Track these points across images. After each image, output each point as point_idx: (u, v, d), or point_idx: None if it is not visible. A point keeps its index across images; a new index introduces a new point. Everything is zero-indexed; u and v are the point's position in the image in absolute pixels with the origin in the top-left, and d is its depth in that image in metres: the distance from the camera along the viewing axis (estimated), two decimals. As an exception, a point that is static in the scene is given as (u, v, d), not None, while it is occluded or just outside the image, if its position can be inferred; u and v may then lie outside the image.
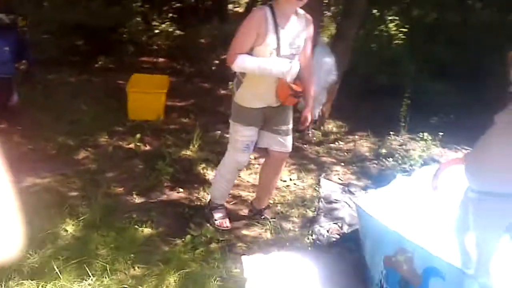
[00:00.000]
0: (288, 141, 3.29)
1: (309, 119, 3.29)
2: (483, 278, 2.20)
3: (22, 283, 2.50)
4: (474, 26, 7.77)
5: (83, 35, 6.87)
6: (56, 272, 2.56)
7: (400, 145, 5.13)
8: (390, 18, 8.39)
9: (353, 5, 5.32)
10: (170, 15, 8.82)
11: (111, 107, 5.52)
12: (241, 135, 3.17)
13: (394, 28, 8.21)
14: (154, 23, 8.55)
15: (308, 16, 3.07)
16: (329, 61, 5.02)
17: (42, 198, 3.43)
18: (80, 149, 4.44)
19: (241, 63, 2.88)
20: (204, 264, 2.88)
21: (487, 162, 2.33)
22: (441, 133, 5.01)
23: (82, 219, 3.20)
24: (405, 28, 7.90)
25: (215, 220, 3.37)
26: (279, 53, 2.89)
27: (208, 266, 2.86)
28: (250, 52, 2.89)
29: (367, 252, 2.77)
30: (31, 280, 2.51)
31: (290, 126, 3.28)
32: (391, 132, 5.18)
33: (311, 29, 3.09)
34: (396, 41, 8.01)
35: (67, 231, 3.07)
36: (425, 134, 5.03)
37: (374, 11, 8.10)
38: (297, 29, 2.98)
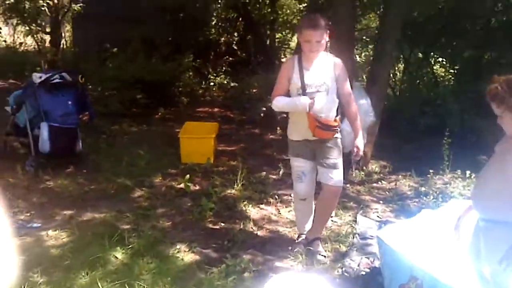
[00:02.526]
0: (335, 175, 3.51)
1: (361, 148, 3.53)
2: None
3: (73, 299, 2.85)
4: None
5: (143, 89, 7.52)
6: (103, 291, 2.89)
7: (443, 184, 5.19)
8: (435, 58, 8.52)
9: (383, 48, 5.56)
10: (224, 68, 9.42)
11: (166, 152, 6.01)
12: (293, 166, 3.65)
13: (439, 69, 8.32)
14: (209, 76, 9.17)
15: (336, 59, 3.47)
16: (365, 103, 5.26)
17: (97, 229, 3.86)
18: (136, 189, 4.87)
19: (276, 103, 3.47)
20: (234, 290, 3.10)
21: (487, 190, 2.46)
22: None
23: (130, 247, 3.57)
24: (450, 68, 7.99)
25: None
26: (305, 90, 3.34)
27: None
28: (287, 93, 3.45)
29: (385, 281, 2.89)
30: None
31: (336, 160, 3.50)
32: (434, 171, 5.24)
33: (340, 69, 3.44)
34: (441, 81, 8.09)
35: (116, 257, 3.43)
36: (468, 172, 5.06)
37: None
38: (321, 70, 3.38)
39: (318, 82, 3.35)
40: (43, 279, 3.12)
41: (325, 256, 3.65)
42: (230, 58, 9.71)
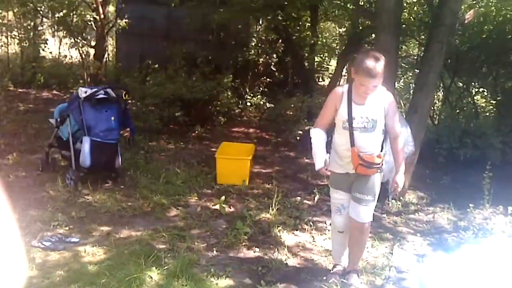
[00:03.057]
0: (363, 211, 3.45)
1: (400, 185, 3.46)
2: None
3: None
4: None
5: (181, 107, 7.64)
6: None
7: (483, 219, 5.06)
8: (478, 89, 8.37)
9: (426, 78, 5.49)
10: (261, 89, 9.48)
11: (202, 172, 6.04)
12: (332, 197, 3.62)
13: (481, 100, 8.16)
14: (246, 96, 9.24)
15: (388, 93, 3.36)
16: (405, 132, 5.18)
17: (134, 247, 3.90)
18: (171, 207, 4.92)
19: (312, 134, 3.45)
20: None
21: None
22: (528, 208, 4.87)
23: (166, 268, 3.59)
24: (491, 99, 7.83)
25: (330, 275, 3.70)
26: (351, 125, 3.27)
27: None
28: (331, 124, 3.43)
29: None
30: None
31: (370, 197, 3.42)
32: (473, 205, 5.12)
33: (390, 104, 3.34)
34: (482, 112, 7.93)
35: (151, 277, 3.46)
36: (510, 208, 4.92)
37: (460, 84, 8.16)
38: (371, 106, 3.28)
39: (366, 118, 3.26)
40: (81, 295, 3.17)
41: None
42: (268, 79, 9.76)
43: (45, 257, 3.71)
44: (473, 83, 8.65)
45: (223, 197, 5.00)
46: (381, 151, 3.37)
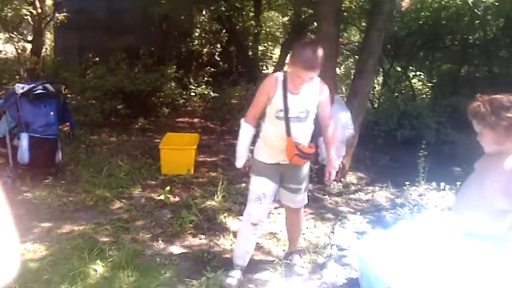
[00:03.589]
0: (299, 198, 3.50)
1: (333, 174, 3.44)
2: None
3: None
4: (500, 77, 7.95)
5: (123, 99, 7.54)
6: (82, 305, 2.90)
7: (419, 195, 5.31)
8: (415, 73, 8.72)
9: (365, 63, 5.68)
10: (206, 79, 9.49)
11: (146, 163, 6.01)
12: (254, 186, 3.41)
13: (418, 83, 8.51)
14: (191, 86, 9.22)
15: (323, 84, 3.31)
16: (345, 116, 5.37)
17: (77, 242, 3.85)
18: (115, 200, 4.87)
19: (242, 128, 3.35)
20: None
21: (468, 205, 2.58)
22: (459, 183, 5.15)
23: (110, 260, 3.57)
24: (428, 82, 8.19)
25: (225, 279, 3.41)
26: (287, 115, 3.17)
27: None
28: (263, 113, 3.29)
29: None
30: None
31: (302, 186, 3.47)
32: (409, 183, 5.37)
33: (326, 94, 3.30)
34: (419, 95, 8.28)
35: (96, 270, 3.44)
36: (443, 184, 5.19)
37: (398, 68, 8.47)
38: (307, 96, 3.21)
39: (301, 109, 3.19)
40: (21, 293, 3.11)
41: (303, 267, 3.71)
42: (212, 69, 9.78)
43: (-17, 257, 3.60)
44: (410, 67, 9.01)
45: (167, 187, 5.00)
46: (311, 141, 3.35)
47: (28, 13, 9.59)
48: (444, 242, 2.87)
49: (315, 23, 8.32)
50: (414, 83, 9.02)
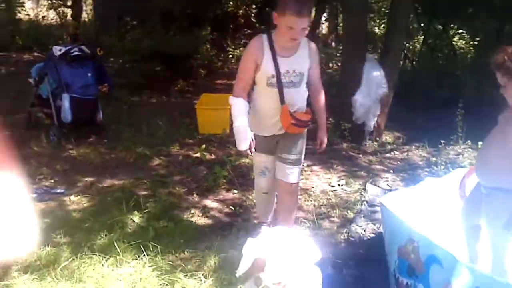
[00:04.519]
0: (295, 171, 3.21)
1: (325, 141, 3.27)
2: (500, 274, 2.37)
3: (91, 257, 3.07)
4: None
5: (162, 62, 7.68)
6: (118, 250, 3.10)
7: (455, 155, 5.25)
8: (455, 30, 8.43)
9: (395, 21, 5.57)
10: (243, 41, 9.50)
11: (184, 123, 6.19)
12: (256, 161, 3.29)
13: (459, 41, 8.24)
14: (228, 48, 9.27)
15: (311, 43, 3.01)
16: (378, 74, 5.32)
17: (116, 195, 4.07)
18: (154, 158, 5.06)
19: (233, 105, 2.93)
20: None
21: (490, 160, 2.56)
22: (497, 142, 5.05)
23: (147, 211, 3.77)
24: (471, 40, 7.92)
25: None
26: (280, 81, 2.88)
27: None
28: (252, 82, 2.96)
29: (386, 245, 3.02)
30: (99, 255, 3.08)
31: (297, 156, 3.18)
32: (446, 142, 5.30)
33: (316, 56, 3.05)
34: (461, 54, 8.03)
35: (133, 220, 3.64)
36: (480, 143, 5.08)
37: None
38: (298, 57, 2.92)
39: (293, 72, 2.90)
40: (65, 240, 3.34)
41: None
42: (249, 31, 9.75)
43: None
44: (452, 25, 8.70)
45: (203, 146, 5.16)
46: (307, 106, 3.11)
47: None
48: (468, 197, 2.89)
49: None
50: (456, 42, 8.73)
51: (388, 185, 4.65)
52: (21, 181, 1.03)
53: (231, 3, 9.90)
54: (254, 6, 10.29)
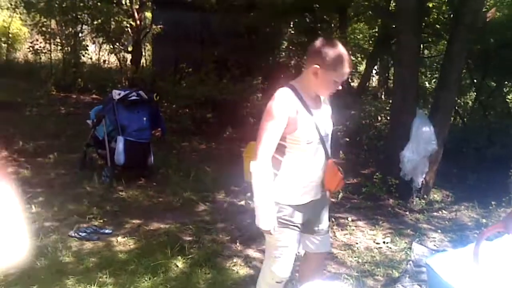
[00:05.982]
0: (329, 238, 2.93)
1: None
2: None
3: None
4: None
5: (213, 108, 7.92)
6: (162, 295, 3.16)
7: (507, 217, 5.06)
8: (510, 88, 8.27)
9: (447, 76, 5.54)
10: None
11: (231, 170, 6.27)
12: (279, 239, 2.68)
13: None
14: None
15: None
16: (428, 130, 5.27)
17: (162, 239, 4.17)
18: (200, 203, 5.17)
19: (258, 173, 2.43)
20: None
21: None
22: (552, 206, 4.86)
23: (190, 257, 3.83)
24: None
25: None
26: (324, 143, 2.54)
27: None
28: (281, 143, 2.47)
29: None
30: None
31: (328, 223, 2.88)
32: (497, 203, 5.13)
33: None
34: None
35: (177, 265, 3.71)
36: (534, 205, 4.92)
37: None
38: (323, 107, 2.62)
39: (327, 125, 2.59)
40: (111, 280, 3.44)
41: None
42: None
43: (81, 246, 4.01)
44: (506, 82, 8.56)
45: (248, 194, 5.22)
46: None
47: (128, 26, 10.38)
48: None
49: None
50: (510, 99, 8.55)
51: (435, 245, 4.53)
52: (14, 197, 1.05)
53: (283, 53, 10.14)
54: (305, 57, 10.48)
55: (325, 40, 2.46)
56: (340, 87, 2.51)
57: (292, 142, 2.47)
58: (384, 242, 4.49)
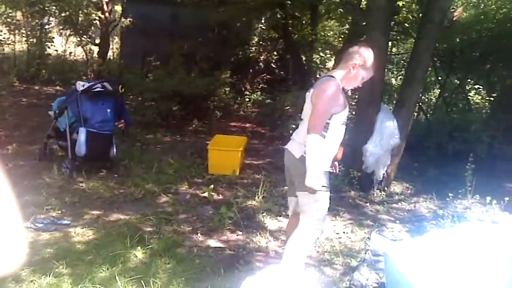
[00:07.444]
0: None
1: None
2: None
3: (92, 290, 3.10)
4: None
5: (180, 102, 7.88)
6: (119, 284, 3.12)
7: (463, 209, 5.20)
8: (472, 85, 8.49)
9: (413, 74, 5.64)
10: (261, 85, 9.71)
11: (195, 163, 6.27)
12: (325, 198, 3.23)
13: (475, 96, 8.27)
14: (246, 92, 9.46)
15: None
16: (391, 124, 5.37)
17: (121, 229, 4.12)
18: (162, 195, 5.13)
19: (318, 143, 2.95)
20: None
21: None
22: (507, 198, 5.00)
23: (150, 248, 3.80)
24: (487, 96, 7.95)
25: None
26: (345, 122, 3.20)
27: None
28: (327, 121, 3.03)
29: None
30: (99, 288, 3.11)
31: None
32: (454, 195, 5.26)
33: None
34: (476, 109, 8.05)
35: (136, 256, 3.67)
36: (489, 198, 5.05)
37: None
38: None
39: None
40: (67, 271, 3.38)
41: None
42: (268, 76, 9.98)
43: (37, 237, 3.93)
44: (468, 80, 8.78)
45: (212, 186, 5.21)
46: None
47: (97, 18, 10.22)
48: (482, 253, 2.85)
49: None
50: (472, 97, 8.78)
51: (393, 235, 4.62)
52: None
53: (253, 49, 10.16)
54: (275, 53, 10.54)
55: (362, 44, 3.24)
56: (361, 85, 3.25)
57: (334, 121, 3.06)
58: (344, 232, 4.56)
